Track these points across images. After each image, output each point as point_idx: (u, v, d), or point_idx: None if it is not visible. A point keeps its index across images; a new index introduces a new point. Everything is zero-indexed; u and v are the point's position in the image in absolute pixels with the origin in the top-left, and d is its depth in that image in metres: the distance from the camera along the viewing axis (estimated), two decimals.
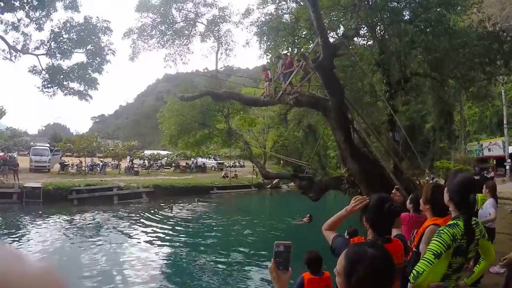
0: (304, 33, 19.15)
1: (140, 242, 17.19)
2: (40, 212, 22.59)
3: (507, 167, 33.59)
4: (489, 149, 37.66)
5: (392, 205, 2.80)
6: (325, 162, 47.87)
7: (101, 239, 17.46)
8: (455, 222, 3.01)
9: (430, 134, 44.01)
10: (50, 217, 21.54)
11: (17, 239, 16.73)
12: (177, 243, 17.42)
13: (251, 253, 15.83)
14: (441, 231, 2.94)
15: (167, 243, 17.33)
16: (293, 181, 19.46)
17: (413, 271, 2.83)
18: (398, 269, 2.76)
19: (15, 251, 0.50)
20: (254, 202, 34.48)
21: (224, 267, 13.88)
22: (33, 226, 19.62)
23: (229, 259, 14.94)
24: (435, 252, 2.85)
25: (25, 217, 21.40)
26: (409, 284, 2.88)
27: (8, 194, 25.16)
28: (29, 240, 16.86)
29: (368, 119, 16.81)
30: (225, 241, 18.26)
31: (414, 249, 3.79)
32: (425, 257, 2.85)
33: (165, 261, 14.82)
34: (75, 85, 25.96)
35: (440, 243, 2.88)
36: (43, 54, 24.69)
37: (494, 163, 37.64)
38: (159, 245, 16.84)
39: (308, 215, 21.00)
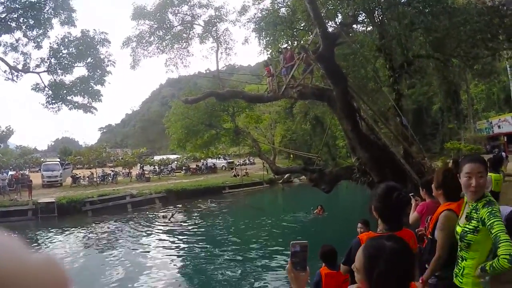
0: (302, 25, 19.05)
1: (156, 248, 17.23)
2: (56, 226, 22.70)
3: None
4: (499, 126, 37.17)
5: (400, 194, 2.73)
6: (334, 152, 47.67)
7: (118, 248, 17.52)
8: (489, 198, 2.97)
9: (438, 116, 43.59)
10: (66, 230, 21.66)
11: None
12: (194, 245, 17.46)
13: (267, 249, 15.82)
14: (494, 211, 2.86)
15: (184, 246, 17.37)
16: (304, 174, 19.39)
17: (504, 255, 2.65)
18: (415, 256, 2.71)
19: (15, 240, 0.47)
20: (267, 198, 34.52)
21: (241, 264, 13.90)
22: (50, 241, 19.77)
23: (245, 257, 14.92)
24: (504, 230, 2.76)
25: (42, 233, 21.54)
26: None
27: (23, 212, 25.29)
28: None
29: (374, 106, 16.70)
30: (240, 239, 18.24)
31: (429, 236, 3.70)
32: (503, 239, 2.71)
33: (183, 264, 14.84)
34: (78, 99, 26.23)
35: (501, 220, 2.83)
36: (44, 71, 24.89)
37: (505, 140, 37.16)
38: (175, 248, 16.89)
39: (319, 206, 20.85)
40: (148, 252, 16.64)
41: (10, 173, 33.28)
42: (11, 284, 0.41)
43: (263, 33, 18.83)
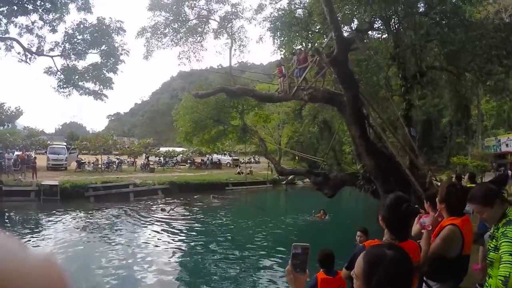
0: (317, 27, 18.99)
1: (155, 239, 17.32)
2: (58, 209, 22.82)
3: None
4: (507, 145, 36.95)
5: (409, 205, 2.73)
6: (340, 157, 47.62)
7: (118, 235, 17.64)
8: (509, 218, 2.95)
9: (447, 129, 43.43)
10: (67, 214, 21.80)
11: (35, 236, 16.99)
12: (192, 239, 17.56)
13: (265, 249, 15.85)
14: (507, 231, 2.86)
15: (182, 239, 17.47)
16: (308, 177, 19.34)
17: (499, 276, 2.75)
18: (415, 267, 2.71)
19: (14, 240, 0.47)
20: (270, 198, 34.51)
21: (239, 263, 13.93)
22: (50, 223, 19.92)
23: (244, 256, 14.96)
24: (510, 251, 2.78)
25: (43, 215, 21.68)
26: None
27: (26, 192, 25.47)
28: (46, 237, 17.13)
29: (383, 114, 16.62)
30: (241, 237, 18.28)
31: None
32: (505, 261, 2.76)
33: (180, 257, 14.90)
34: (90, 85, 26.25)
35: (510, 241, 2.82)
36: (57, 56, 24.97)
37: None
38: (173, 241, 16.96)
39: (321, 210, 20.93)
40: (145, 243, 16.69)
41: (16, 153, 33.43)
42: (9, 284, 0.41)
43: (278, 33, 18.76)
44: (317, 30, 19.11)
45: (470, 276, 4.69)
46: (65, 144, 42.86)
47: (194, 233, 18.75)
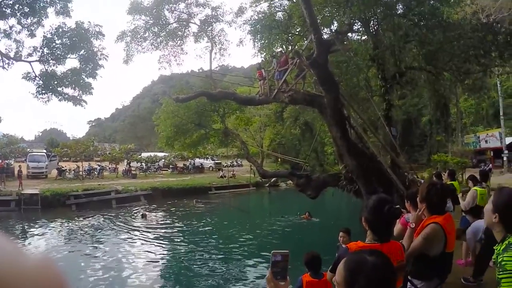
0: (297, 30, 19.11)
1: (139, 245, 17.16)
2: (39, 218, 22.51)
3: (505, 158, 33.55)
4: (486, 141, 37.69)
5: (391, 207, 2.74)
6: (322, 158, 47.85)
7: (100, 243, 17.44)
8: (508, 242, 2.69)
9: (427, 128, 43.97)
10: (49, 223, 21.48)
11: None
12: (177, 245, 17.45)
13: (250, 251, 15.86)
14: (505, 262, 2.77)
15: (167, 245, 17.35)
16: (290, 179, 19.39)
17: None
18: (400, 267, 2.73)
19: (10, 241, 0.47)
20: (253, 201, 34.51)
21: (224, 266, 13.93)
22: (32, 233, 19.60)
23: (228, 259, 14.96)
24: None
25: (24, 224, 21.35)
26: None
27: (6, 202, 25.04)
28: (28, 247, 16.81)
29: (364, 114, 16.76)
30: (225, 240, 18.22)
31: None
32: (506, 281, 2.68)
33: (165, 263, 14.85)
34: (69, 91, 25.84)
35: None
36: (36, 61, 24.56)
37: (492, 154, 37.62)
38: (157, 247, 16.84)
39: (306, 212, 21.08)
40: (128, 249, 16.53)
41: None
42: (6, 286, 0.41)
43: (258, 36, 18.80)
44: (297, 33, 19.22)
45: (454, 272, 4.74)
46: (45, 151, 42.19)
47: (178, 238, 18.63)
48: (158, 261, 14.77)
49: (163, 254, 15.96)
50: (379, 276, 1.65)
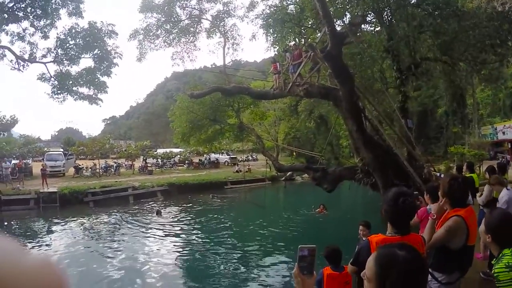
0: (310, 23, 18.95)
1: (157, 241, 17.24)
2: (58, 216, 22.79)
3: None
4: (503, 132, 36.93)
5: (406, 200, 2.73)
6: (338, 152, 47.66)
7: (119, 240, 17.56)
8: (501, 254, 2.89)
9: (443, 119, 43.37)
10: (67, 221, 21.71)
11: (36, 244, 16.91)
12: (195, 240, 17.57)
13: (267, 246, 15.85)
14: (497, 274, 2.83)
15: (185, 240, 17.44)
16: (306, 172, 19.38)
17: None
18: None
19: (12, 242, 0.47)
20: (269, 195, 34.47)
21: (241, 261, 13.93)
22: (51, 231, 19.84)
23: (245, 253, 14.95)
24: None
25: (43, 222, 21.62)
26: None
27: (25, 201, 25.36)
28: (48, 244, 17.06)
29: (379, 106, 16.65)
30: (241, 235, 18.27)
31: None
32: None
33: (184, 259, 14.87)
34: (84, 90, 26.18)
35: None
36: (50, 62, 24.87)
37: (509, 146, 36.95)
38: (175, 243, 16.91)
39: (321, 205, 20.92)
40: (147, 246, 16.61)
41: (13, 162, 33.36)
42: (6, 285, 0.41)
43: (271, 29, 18.71)
44: (309, 26, 19.08)
45: (474, 265, 4.68)
46: (61, 150, 42.76)
47: (195, 234, 18.70)
48: (175, 257, 14.80)
49: (180, 250, 15.97)
50: (410, 270, 1.65)
